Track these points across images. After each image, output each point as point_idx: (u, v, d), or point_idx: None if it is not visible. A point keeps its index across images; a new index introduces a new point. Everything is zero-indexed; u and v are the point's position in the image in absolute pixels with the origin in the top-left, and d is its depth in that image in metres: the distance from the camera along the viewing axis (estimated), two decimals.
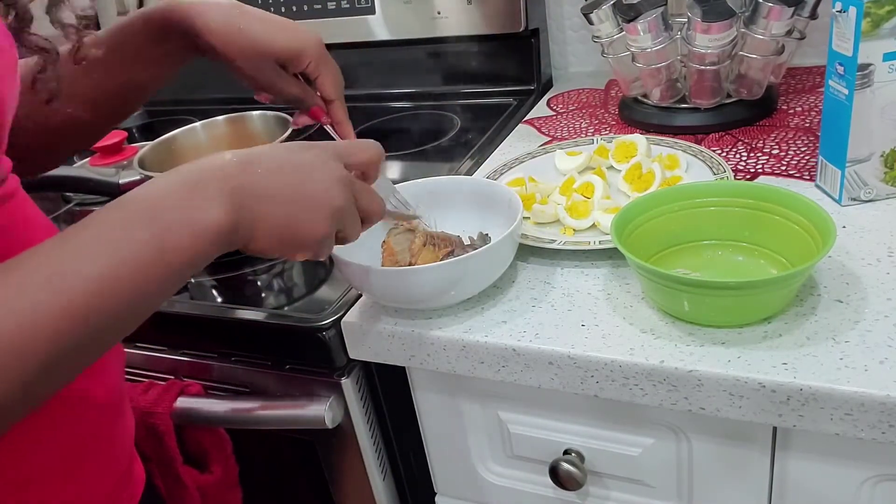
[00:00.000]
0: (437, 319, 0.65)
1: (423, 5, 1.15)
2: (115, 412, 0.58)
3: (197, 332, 0.78)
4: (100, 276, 0.40)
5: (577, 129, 1.00)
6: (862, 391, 0.50)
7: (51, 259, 0.40)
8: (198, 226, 0.44)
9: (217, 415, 0.74)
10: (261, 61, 0.61)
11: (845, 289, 0.60)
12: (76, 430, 0.53)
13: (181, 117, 1.31)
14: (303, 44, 0.62)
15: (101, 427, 0.56)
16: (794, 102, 0.95)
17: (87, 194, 1.07)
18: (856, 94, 0.66)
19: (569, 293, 0.65)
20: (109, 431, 0.57)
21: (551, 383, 0.61)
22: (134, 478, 0.62)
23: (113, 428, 0.58)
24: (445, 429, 0.75)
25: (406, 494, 0.83)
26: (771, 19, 0.82)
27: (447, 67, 1.21)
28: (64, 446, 0.53)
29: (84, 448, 0.55)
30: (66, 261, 0.40)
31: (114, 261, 0.41)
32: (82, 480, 0.55)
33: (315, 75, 0.64)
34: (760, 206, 0.64)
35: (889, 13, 0.62)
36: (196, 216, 0.44)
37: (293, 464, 0.83)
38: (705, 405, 0.56)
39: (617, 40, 0.93)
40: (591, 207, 0.73)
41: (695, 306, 0.58)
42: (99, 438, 0.56)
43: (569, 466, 0.67)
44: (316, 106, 0.65)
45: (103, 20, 1.41)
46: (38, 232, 0.52)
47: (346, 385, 0.72)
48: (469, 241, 0.71)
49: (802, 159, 0.81)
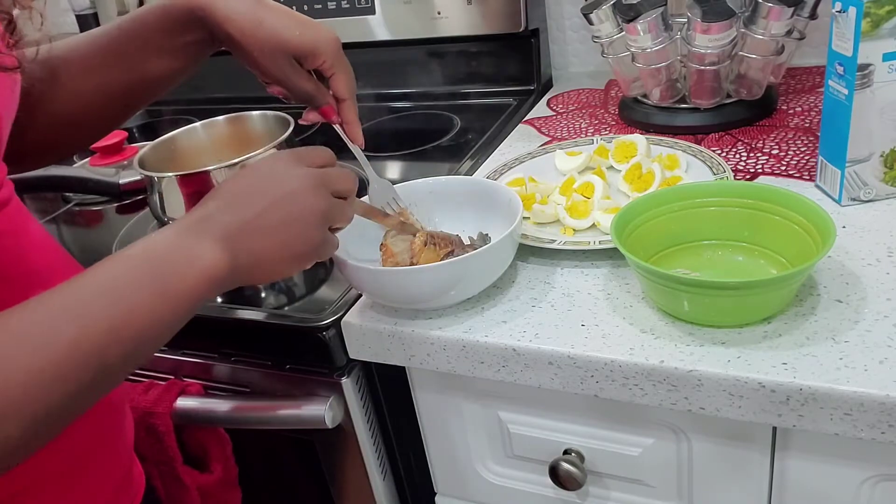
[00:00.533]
0: (437, 319, 0.65)
1: (423, 5, 1.15)
2: (115, 417, 0.58)
3: (197, 332, 0.77)
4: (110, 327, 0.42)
5: (577, 129, 1.00)
6: (861, 391, 0.50)
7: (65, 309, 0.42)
8: (195, 270, 0.47)
9: (217, 415, 0.74)
10: (278, 54, 0.61)
11: (845, 289, 0.60)
12: (76, 435, 0.53)
13: (181, 117, 1.31)
14: (320, 41, 0.62)
15: (101, 432, 0.56)
16: (793, 102, 0.95)
17: (87, 194, 1.07)
18: (855, 94, 0.66)
19: (569, 293, 0.65)
20: (110, 436, 0.57)
21: (551, 383, 0.61)
22: (134, 481, 0.61)
23: (113, 433, 0.58)
24: (445, 429, 0.75)
25: (406, 494, 0.83)
26: (771, 19, 0.82)
27: (447, 67, 1.21)
28: (63, 453, 0.52)
29: (84, 454, 0.54)
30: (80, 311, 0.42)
31: (121, 310, 0.43)
32: (82, 487, 0.54)
33: (330, 73, 0.64)
34: (760, 206, 0.64)
35: (889, 13, 0.62)
36: (194, 263, 0.47)
37: (293, 464, 0.83)
38: (705, 405, 0.56)
39: (617, 40, 0.93)
40: (591, 207, 0.73)
41: (695, 306, 0.58)
42: (99, 444, 0.56)
43: (569, 466, 0.67)
44: (327, 104, 0.65)
45: (103, 20, 1.41)
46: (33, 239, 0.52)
47: (346, 385, 0.72)
48: (469, 241, 0.71)
49: (802, 159, 0.81)
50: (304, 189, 0.52)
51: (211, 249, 0.48)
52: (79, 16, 1.44)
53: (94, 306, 0.42)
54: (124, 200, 1.05)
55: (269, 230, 0.51)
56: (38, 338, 0.40)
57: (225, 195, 0.52)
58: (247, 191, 0.52)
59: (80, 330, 0.41)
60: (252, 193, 0.52)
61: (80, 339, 0.41)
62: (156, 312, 0.45)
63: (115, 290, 0.44)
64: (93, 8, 1.42)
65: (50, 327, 0.40)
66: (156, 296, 0.45)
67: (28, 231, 0.53)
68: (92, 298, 0.43)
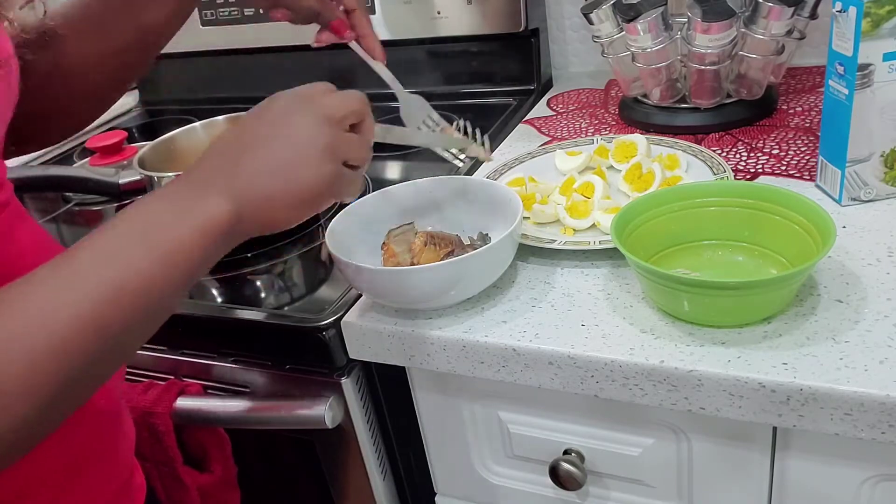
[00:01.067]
0: (437, 319, 0.65)
1: (423, 5, 1.15)
2: (114, 419, 0.57)
3: (197, 332, 0.78)
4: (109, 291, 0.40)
5: (577, 129, 1.00)
6: (862, 391, 0.50)
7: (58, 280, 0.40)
8: (198, 221, 0.44)
9: (217, 415, 0.74)
10: None
11: (845, 289, 0.60)
12: (74, 438, 0.52)
13: (181, 117, 1.31)
14: None
15: (100, 435, 0.55)
16: (794, 102, 0.95)
17: (87, 194, 1.07)
18: (856, 94, 0.66)
19: (569, 293, 0.65)
20: (109, 439, 0.56)
21: (551, 383, 0.61)
22: (133, 489, 0.60)
23: (112, 435, 0.57)
24: (445, 429, 0.75)
25: (406, 494, 0.83)
26: (771, 19, 0.82)
27: (447, 67, 1.21)
28: (61, 456, 0.51)
29: (82, 458, 0.53)
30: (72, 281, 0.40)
31: (116, 273, 0.41)
32: (80, 492, 0.53)
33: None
34: (760, 206, 0.64)
35: (889, 13, 0.62)
36: (196, 214, 0.44)
37: (293, 464, 0.83)
38: (705, 405, 0.56)
39: (617, 40, 0.93)
40: (591, 207, 0.73)
41: (695, 306, 0.58)
42: (97, 447, 0.55)
43: (569, 466, 0.67)
44: (337, 19, 0.61)
45: None
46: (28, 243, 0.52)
47: (346, 385, 0.72)
48: (469, 241, 0.71)
49: (802, 159, 0.81)
50: (306, 123, 0.49)
51: (205, 197, 0.45)
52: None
53: (90, 273, 0.41)
54: (124, 200, 1.04)
55: (269, 169, 0.47)
56: (36, 312, 0.38)
57: (225, 141, 0.49)
58: (244, 130, 0.49)
59: (77, 298, 0.39)
60: (247, 132, 0.49)
61: (79, 309, 0.39)
62: (153, 273, 0.42)
63: (106, 254, 0.42)
64: None
65: (47, 299, 0.39)
66: (149, 254, 0.42)
67: (23, 234, 0.52)
68: (86, 266, 0.41)
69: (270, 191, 0.47)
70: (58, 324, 0.39)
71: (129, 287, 0.41)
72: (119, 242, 0.43)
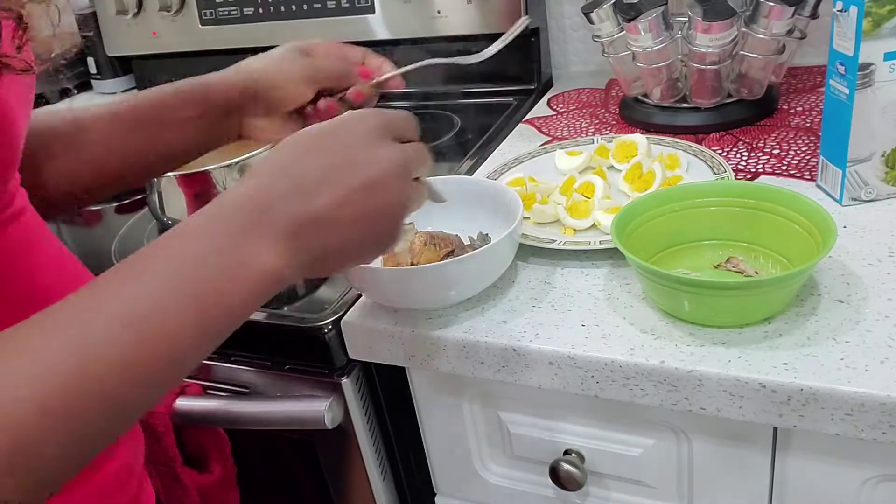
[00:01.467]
0: (437, 319, 0.65)
1: (422, 4, 1.15)
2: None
3: None
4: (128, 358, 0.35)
5: (578, 128, 0.99)
6: (862, 391, 0.50)
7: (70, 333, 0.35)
8: (247, 280, 0.39)
9: (216, 415, 0.74)
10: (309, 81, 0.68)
11: (846, 289, 0.60)
12: None
13: None
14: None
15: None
16: (794, 102, 0.95)
17: None
18: (857, 93, 0.65)
19: (569, 293, 0.65)
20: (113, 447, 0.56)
21: (551, 383, 0.61)
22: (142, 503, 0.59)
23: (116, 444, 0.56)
24: (445, 429, 0.75)
25: (406, 494, 0.83)
26: (772, 18, 0.82)
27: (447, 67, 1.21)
28: None
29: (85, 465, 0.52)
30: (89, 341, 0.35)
31: (143, 335, 0.35)
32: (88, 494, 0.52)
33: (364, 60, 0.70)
34: (761, 206, 0.64)
35: (890, 12, 0.62)
36: (245, 271, 0.39)
37: (293, 464, 0.83)
38: (706, 405, 0.56)
39: (617, 40, 0.93)
40: (591, 207, 0.73)
41: (695, 306, 0.58)
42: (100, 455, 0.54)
43: (569, 467, 0.67)
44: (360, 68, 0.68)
45: (102, 20, 1.41)
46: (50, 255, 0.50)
47: (345, 385, 0.72)
48: (469, 241, 0.70)
49: (803, 159, 0.81)
50: (389, 175, 0.43)
51: (269, 251, 0.39)
52: (78, 15, 1.43)
53: (103, 329, 0.35)
54: (123, 200, 1.04)
55: (344, 225, 0.42)
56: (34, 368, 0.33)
57: (292, 173, 0.42)
58: (320, 171, 0.42)
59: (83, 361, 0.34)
60: (326, 177, 0.42)
61: (84, 372, 0.34)
62: (190, 337, 0.36)
63: (130, 310, 0.35)
64: (92, 7, 1.42)
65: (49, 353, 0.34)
66: (192, 317, 0.36)
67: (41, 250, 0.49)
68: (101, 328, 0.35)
69: (335, 247, 0.42)
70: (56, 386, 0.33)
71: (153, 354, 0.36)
72: (152, 295, 0.36)
